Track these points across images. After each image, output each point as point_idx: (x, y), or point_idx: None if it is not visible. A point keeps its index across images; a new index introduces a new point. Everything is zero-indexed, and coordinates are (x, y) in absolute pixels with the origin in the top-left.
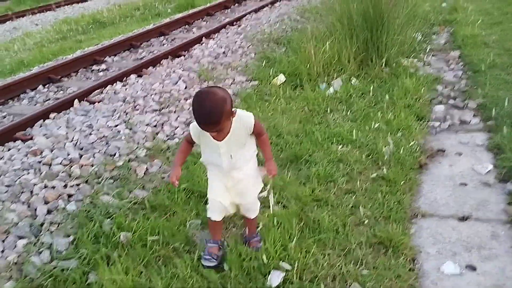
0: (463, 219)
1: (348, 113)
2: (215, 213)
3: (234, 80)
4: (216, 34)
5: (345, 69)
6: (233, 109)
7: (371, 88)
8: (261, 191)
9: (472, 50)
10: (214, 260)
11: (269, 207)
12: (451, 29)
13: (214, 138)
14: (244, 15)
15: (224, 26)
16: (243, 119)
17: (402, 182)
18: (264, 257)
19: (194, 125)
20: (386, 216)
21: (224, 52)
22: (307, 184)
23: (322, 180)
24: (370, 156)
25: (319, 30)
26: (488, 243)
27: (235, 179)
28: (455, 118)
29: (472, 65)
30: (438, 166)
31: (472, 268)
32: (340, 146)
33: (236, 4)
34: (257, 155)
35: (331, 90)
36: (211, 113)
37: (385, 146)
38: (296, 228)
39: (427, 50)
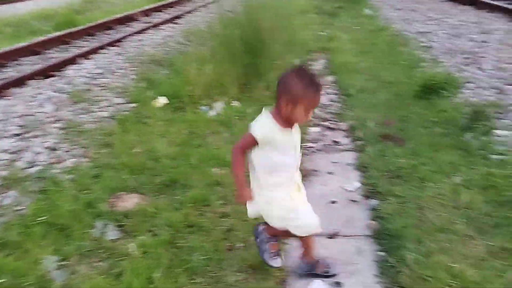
0: (332, 236)
1: (229, 135)
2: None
3: (111, 102)
4: (95, 55)
5: (227, 92)
6: None
7: (251, 110)
8: None
9: (345, 75)
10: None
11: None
12: (328, 56)
13: (284, 127)
14: (127, 36)
15: (104, 47)
16: None
17: None
18: None
19: (262, 124)
20: None
21: (101, 73)
22: (181, 210)
23: (197, 204)
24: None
25: (202, 53)
26: (353, 259)
27: (299, 180)
28: (328, 139)
29: (344, 89)
30: (311, 186)
31: (338, 285)
32: (218, 169)
33: (121, 25)
34: None
35: (213, 112)
36: None
37: None
38: (165, 257)
39: None
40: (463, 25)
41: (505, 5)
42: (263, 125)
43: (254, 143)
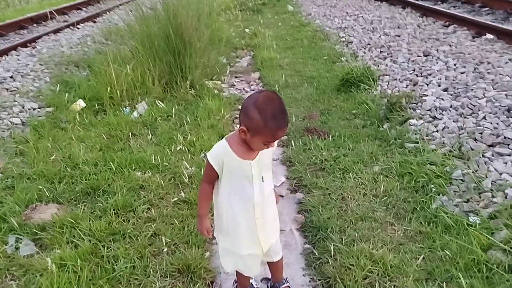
0: None
1: (152, 137)
2: (254, 270)
3: (23, 107)
4: (5, 56)
5: (150, 92)
6: None
7: (176, 110)
8: None
9: (269, 71)
10: None
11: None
12: (253, 52)
13: (243, 158)
14: (41, 36)
15: (15, 48)
16: None
17: None
18: None
19: (216, 150)
20: (186, 241)
21: (11, 77)
22: (103, 217)
23: (120, 211)
24: (173, 180)
25: (121, 52)
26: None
27: (264, 212)
28: None
29: (269, 85)
30: None
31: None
32: (141, 173)
33: (35, 25)
34: None
35: (136, 114)
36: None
37: (186, 169)
38: (86, 270)
39: (232, 72)
40: (378, 20)
41: (415, 1)
42: (217, 150)
43: (213, 171)
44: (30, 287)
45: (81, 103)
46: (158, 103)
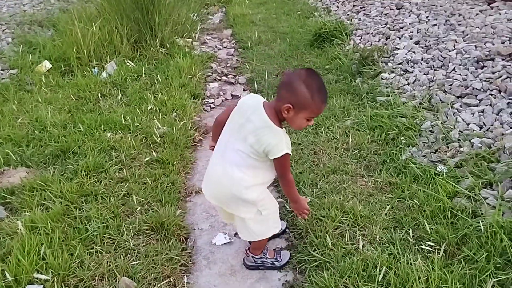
0: None
1: (122, 97)
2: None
3: None
4: None
5: (118, 51)
6: None
7: (146, 69)
8: None
9: (242, 28)
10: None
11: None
12: (224, 8)
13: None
14: None
15: None
16: None
17: (175, 162)
18: (8, 274)
19: (286, 141)
20: (159, 199)
21: None
22: (74, 179)
23: (92, 172)
24: (144, 140)
25: (87, 10)
26: None
27: None
28: (227, 94)
29: (242, 42)
30: None
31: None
32: (112, 133)
33: None
34: None
35: (105, 74)
36: None
37: (158, 129)
38: (58, 231)
39: (203, 29)
40: None
41: None
42: (284, 139)
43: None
44: (1, 250)
45: (46, 64)
46: (128, 62)
